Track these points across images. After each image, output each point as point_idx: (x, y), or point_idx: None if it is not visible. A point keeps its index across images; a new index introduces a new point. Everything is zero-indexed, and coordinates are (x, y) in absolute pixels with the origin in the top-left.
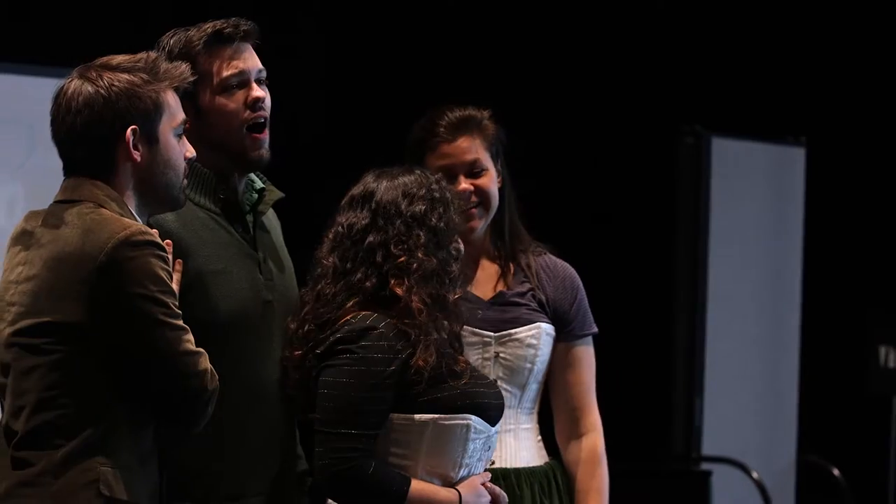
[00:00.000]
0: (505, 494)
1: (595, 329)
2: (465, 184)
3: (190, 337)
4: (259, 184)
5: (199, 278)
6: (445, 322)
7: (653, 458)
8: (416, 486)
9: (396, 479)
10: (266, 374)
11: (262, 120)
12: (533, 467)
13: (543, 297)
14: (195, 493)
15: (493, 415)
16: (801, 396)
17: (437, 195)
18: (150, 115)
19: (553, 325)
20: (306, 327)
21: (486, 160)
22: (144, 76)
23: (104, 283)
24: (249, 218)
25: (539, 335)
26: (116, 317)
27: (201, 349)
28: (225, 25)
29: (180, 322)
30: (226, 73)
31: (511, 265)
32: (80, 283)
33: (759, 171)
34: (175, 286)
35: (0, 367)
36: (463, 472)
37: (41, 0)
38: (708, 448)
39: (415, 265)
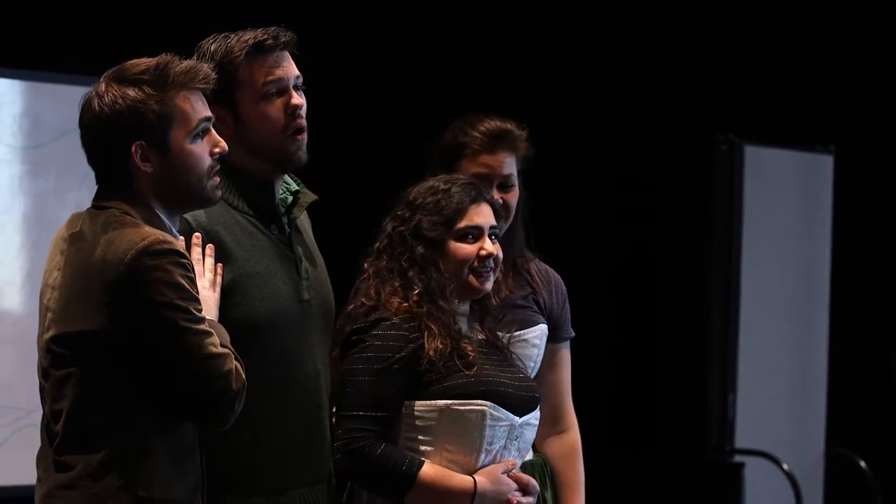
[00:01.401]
0: (535, 483)
1: (573, 333)
2: (497, 195)
3: (213, 339)
4: (293, 186)
5: (240, 280)
6: (441, 315)
7: (689, 451)
8: (429, 469)
9: (406, 461)
10: (305, 370)
11: (301, 126)
12: (532, 460)
13: (542, 301)
14: (239, 486)
15: (513, 403)
16: (829, 392)
17: (417, 202)
18: (154, 128)
19: (548, 326)
20: (345, 326)
21: (515, 176)
22: (149, 89)
23: (125, 293)
24: (284, 219)
25: (541, 336)
26: (139, 325)
27: (226, 350)
28: (265, 37)
29: (203, 326)
30: (265, 82)
31: (511, 270)
32: (103, 293)
33: (790, 178)
34: (217, 289)
35: (41, 370)
36: (486, 459)
37: (108, 17)
38: (741, 441)
39: (363, 268)
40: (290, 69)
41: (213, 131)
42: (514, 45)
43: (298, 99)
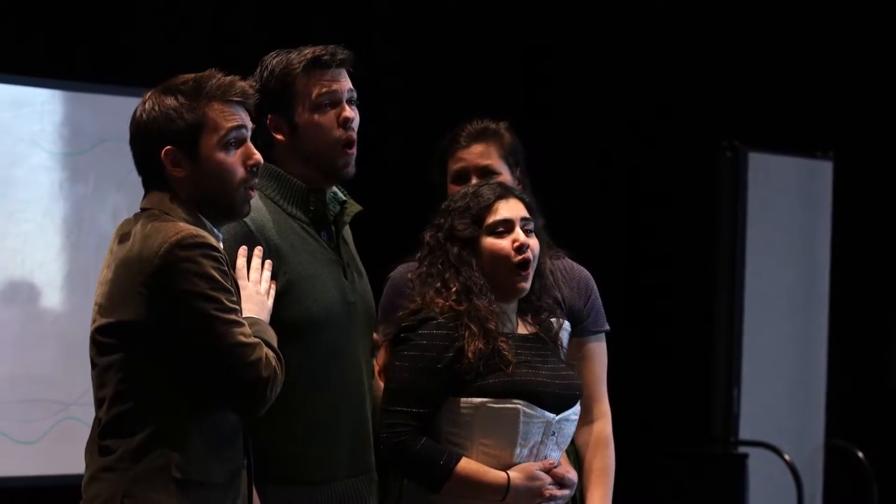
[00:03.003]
0: (572, 475)
1: (607, 327)
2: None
3: (244, 329)
4: (341, 196)
5: (295, 281)
6: (477, 314)
7: (695, 442)
8: (466, 464)
9: (444, 455)
10: (350, 366)
11: (352, 139)
12: None
13: (560, 296)
14: (286, 477)
15: (549, 401)
16: (828, 386)
17: (449, 208)
18: (184, 134)
19: (569, 321)
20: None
21: (500, 166)
22: (183, 98)
23: (160, 284)
24: (332, 227)
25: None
26: (173, 314)
27: (256, 340)
28: (323, 52)
29: (233, 316)
30: (319, 93)
31: None
32: (141, 285)
33: (792, 183)
34: (270, 298)
35: (91, 360)
36: (523, 453)
37: (145, 31)
38: (744, 433)
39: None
40: (345, 84)
41: (250, 144)
42: (525, 51)
43: (350, 112)
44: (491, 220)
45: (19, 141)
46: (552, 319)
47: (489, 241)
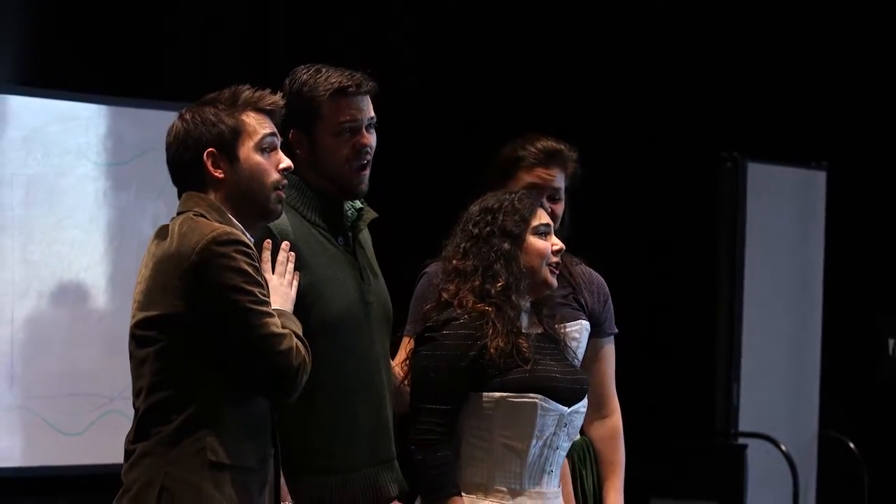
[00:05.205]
0: None
1: (616, 330)
2: (547, 205)
3: (275, 321)
4: (358, 204)
5: (315, 284)
6: (510, 311)
7: (698, 435)
8: (464, 500)
9: (450, 482)
10: (369, 363)
11: (366, 162)
12: (576, 440)
13: (582, 300)
14: (316, 468)
15: (563, 395)
16: (822, 381)
17: (494, 206)
18: (225, 138)
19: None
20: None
21: (563, 191)
22: (222, 105)
23: (196, 278)
24: (350, 234)
25: (581, 331)
26: (209, 306)
27: (286, 331)
28: (349, 83)
29: (266, 308)
30: (341, 121)
31: None
32: (178, 280)
33: (788, 191)
34: (293, 289)
35: (129, 354)
36: (538, 444)
37: (183, 48)
38: (744, 425)
39: (450, 269)
40: (367, 112)
41: (280, 151)
42: (530, 66)
43: (368, 138)
44: (536, 222)
45: (67, 153)
46: (568, 322)
47: (534, 240)
